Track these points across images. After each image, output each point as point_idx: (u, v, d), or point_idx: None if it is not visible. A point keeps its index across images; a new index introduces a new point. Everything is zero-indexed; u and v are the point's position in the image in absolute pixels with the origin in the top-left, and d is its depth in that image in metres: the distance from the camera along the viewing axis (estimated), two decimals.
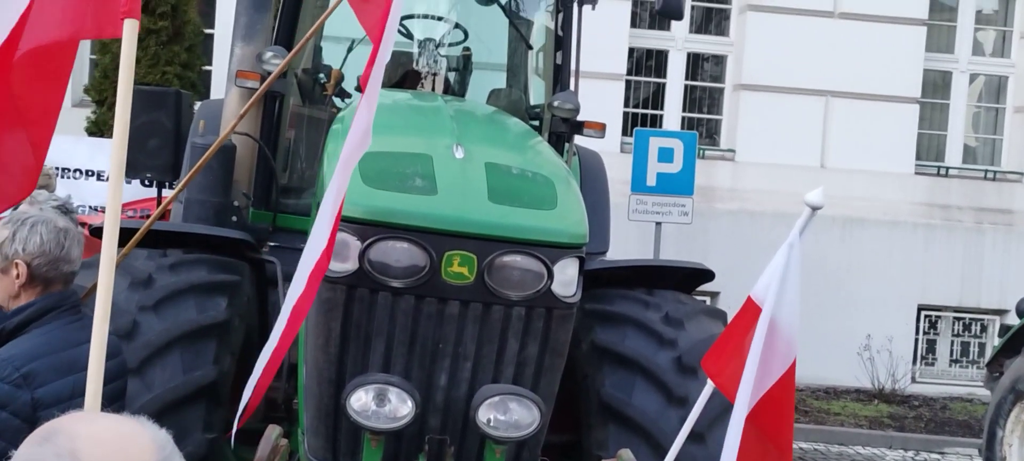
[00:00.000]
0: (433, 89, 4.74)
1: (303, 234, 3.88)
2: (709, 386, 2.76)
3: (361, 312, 2.95)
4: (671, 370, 3.47)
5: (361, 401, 2.86)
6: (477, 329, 2.97)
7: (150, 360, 3.20)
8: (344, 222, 2.78)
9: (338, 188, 2.56)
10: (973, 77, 9.99)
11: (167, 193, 5.03)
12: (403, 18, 4.63)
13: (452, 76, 5.09)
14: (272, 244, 4.21)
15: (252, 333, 3.61)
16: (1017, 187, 9.65)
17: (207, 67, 9.28)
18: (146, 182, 5.43)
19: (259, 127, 4.32)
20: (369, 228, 2.91)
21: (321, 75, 4.82)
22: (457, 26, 5.04)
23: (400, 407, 2.86)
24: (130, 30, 2.24)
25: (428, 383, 2.99)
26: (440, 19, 5.04)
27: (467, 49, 5.12)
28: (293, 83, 4.68)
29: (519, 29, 5.04)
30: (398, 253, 2.92)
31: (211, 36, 9.34)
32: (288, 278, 3.64)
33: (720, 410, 3.14)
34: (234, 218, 4.20)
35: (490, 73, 5.38)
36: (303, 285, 2.56)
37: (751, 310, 2.54)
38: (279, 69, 3.65)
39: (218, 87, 8.78)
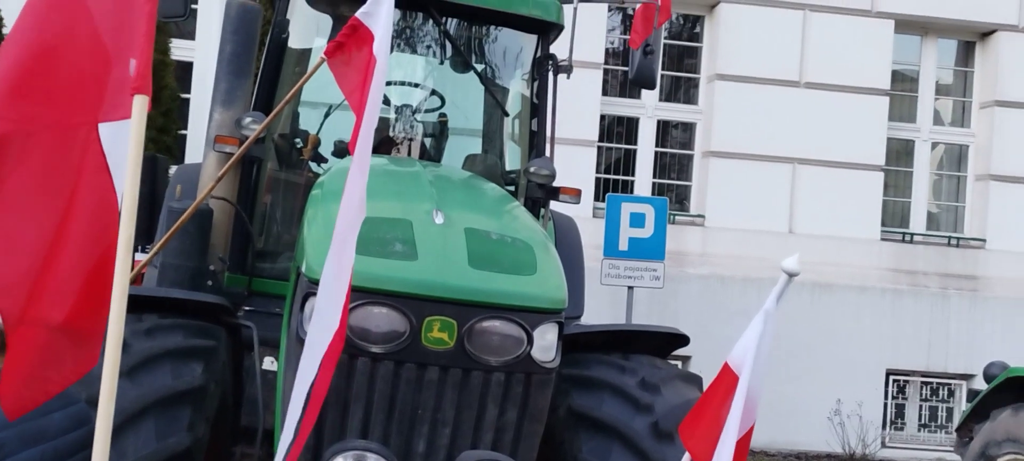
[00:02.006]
0: (409, 154, 4.78)
1: (279, 298, 3.88)
2: (686, 457, 2.77)
3: (340, 378, 2.94)
4: (648, 436, 3.47)
5: None
6: (456, 394, 2.97)
7: (123, 428, 3.15)
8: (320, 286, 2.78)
9: (341, 264, 2.53)
10: (934, 145, 10.23)
11: (140, 256, 5.00)
12: None
13: (428, 142, 5.14)
14: (248, 308, 4.19)
15: (227, 398, 3.57)
16: (980, 253, 9.83)
17: (183, 132, 9.29)
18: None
19: (236, 191, 4.33)
20: (348, 293, 2.92)
21: (298, 140, 4.85)
22: (434, 93, 5.11)
23: None
24: (139, 106, 2.25)
25: (407, 449, 2.98)
26: (417, 86, 5.10)
27: (443, 115, 5.18)
28: (270, 148, 4.70)
29: (495, 96, 5.11)
30: (378, 318, 2.92)
31: (187, 101, 9.37)
32: (264, 343, 3.63)
33: None
34: (210, 283, 4.18)
35: (466, 138, 5.44)
36: (316, 369, 2.49)
37: (728, 377, 2.57)
38: (256, 133, 3.67)
39: (193, 151, 8.78)
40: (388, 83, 4.97)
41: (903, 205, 10.11)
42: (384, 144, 4.75)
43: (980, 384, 6.66)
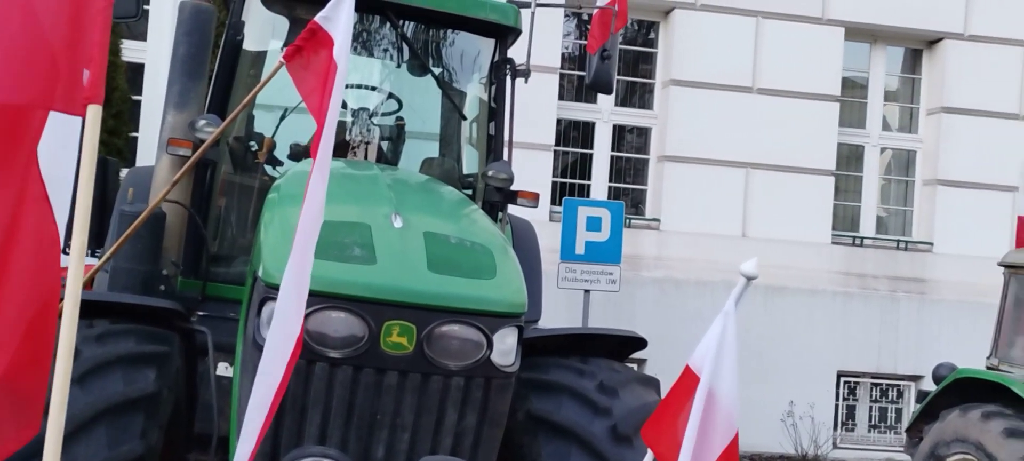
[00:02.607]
0: (366, 158, 4.75)
1: (234, 303, 3.83)
2: (648, 457, 2.78)
3: (297, 383, 2.91)
4: (606, 439, 3.48)
5: None
6: (416, 399, 2.96)
7: (74, 436, 3.08)
8: (282, 291, 2.75)
9: (302, 270, 2.51)
10: (883, 150, 10.43)
11: (91, 261, 4.89)
12: None
13: (385, 145, 5.11)
14: (202, 313, 4.13)
15: (181, 405, 3.52)
16: (928, 256, 10.03)
17: (134, 134, 9.13)
18: (68, 250, 5.28)
19: (190, 195, 4.26)
20: (307, 298, 2.89)
21: (253, 143, 4.79)
22: (391, 96, 5.08)
23: None
24: (93, 115, 2.20)
25: (365, 455, 2.95)
26: (374, 89, 5.07)
27: (401, 119, 5.16)
28: (225, 151, 4.64)
29: (452, 99, 5.10)
30: (336, 323, 2.90)
31: (138, 103, 9.21)
32: (219, 348, 3.58)
33: None
34: (163, 287, 4.11)
35: (423, 142, 5.42)
36: (280, 376, 2.46)
37: (689, 379, 2.58)
38: (213, 137, 3.63)
39: (145, 154, 8.63)
40: (345, 86, 4.94)
41: (853, 209, 10.28)
42: (341, 147, 4.72)
43: (929, 385, 6.79)
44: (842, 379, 9.74)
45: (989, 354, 6.41)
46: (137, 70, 9.34)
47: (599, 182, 9.85)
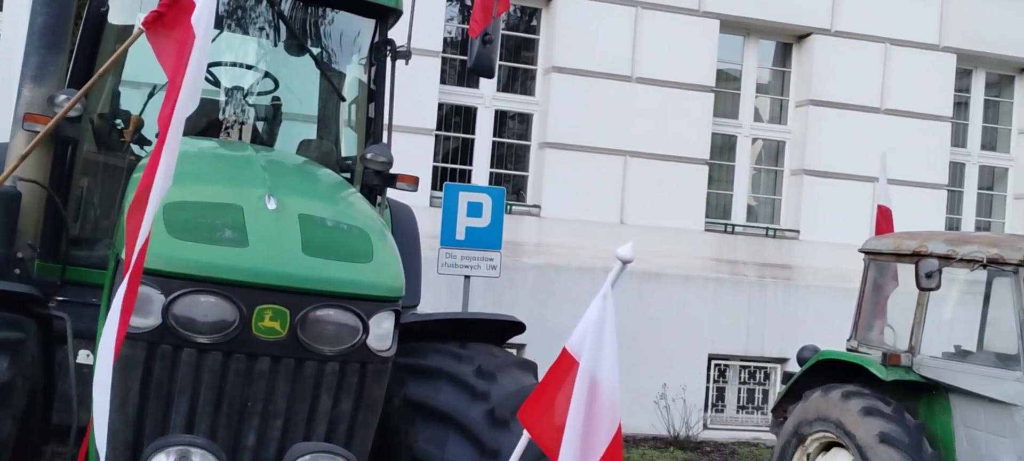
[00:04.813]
0: (240, 138, 4.61)
1: (96, 288, 3.65)
2: (524, 439, 2.79)
3: (163, 370, 2.80)
4: (484, 423, 3.49)
5: None
6: (289, 385, 2.89)
7: None
8: (146, 275, 2.64)
9: (137, 235, 2.40)
10: (754, 141, 10.80)
11: None
12: (209, 65, 4.49)
13: (260, 126, 4.97)
14: (61, 299, 3.92)
15: (37, 395, 3.33)
16: (795, 243, 10.46)
17: None
18: None
19: (48, 173, 4.04)
20: (174, 281, 2.78)
21: (119, 121, 4.58)
22: (267, 75, 4.94)
23: None
24: None
25: (235, 443, 2.87)
26: (249, 67, 4.92)
27: (277, 99, 5.02)
28: (88, 128, 4.42)
29: (331, 80, 5.00)
30: (205, 308, 2.80)
31: None
32: (79, 335, 3.41)
33: None
34: (17, 271, 3.88)
35: (301, 124, 5.29)
36: (111, 349, 2.37)
37: (567, 361, 2.60)
38: (65, 110, 3.43)
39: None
40: (219, 64, 4.77)
41: (725, 198, 10.61)
42: (214, 127, 4.56)
43: (794, 367, 7.08)
44: (713, 362, 10.07)
45: (849, 337, 6.72)
46: None
47: (480, 167, 9.86)
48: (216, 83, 4.73)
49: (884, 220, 8.63)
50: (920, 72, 10.60)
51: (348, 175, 4.82)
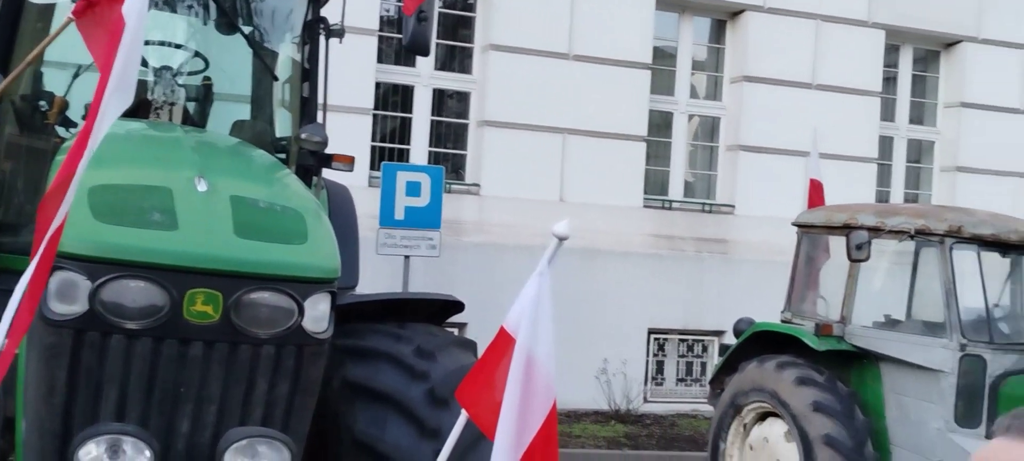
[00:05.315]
0: (170, 119, 4.50)
1: (20, 274, 3.55)
2: (462, 417, 2.79)
3: (91, 357, 2.73)
4: (424, 403, 3.48)
5: (91, 455, 2.65)
6: (223, 370, 2.84)
7: None
8: (71, 260, 2.57)
9: (51, 220, 2.34)
10: (690, 117, 10.92)
11: None
12: None
13: (191, 106, 4.86)
14: None
15: None
16: (731, 218, 10.61)
17: None
18: None
19: None
20: (100, 266, 2.71)
21: (42, 102, 4.44)
22: (197, 54, 4.83)
23: (136, 458, 2.67)
24: None
25: (168, 430, 2.82)
26: (178, 47, 4.80)
27: (208, 79, 4.92)
28: (9, 110, 4.28)
29: (263, 59, 4.90)
30: (134, 293, 2.73)
31: None
32: None
33: (472, 440, 3.19)
34: None
35: (233, 104, 5.19)
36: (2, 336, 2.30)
37: (504, 340, 2.60)
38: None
39: None
40: (146, 43, 4.65)
41: (663, 174, 10.72)
42: (142, 107, 4.44)
43: (731, 340, 7.20)
44: (652, 336, 10.19)
45: (784, 308, 6.85)
46: None
47: (419, 147, 9.80)
48: (144, 63, 4.60)
49: (816, 194, 8.82)
50: (850, 48, 10.81)
51: (283, 156, 4.74)
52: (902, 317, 6.50)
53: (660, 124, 10.68)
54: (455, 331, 7.99)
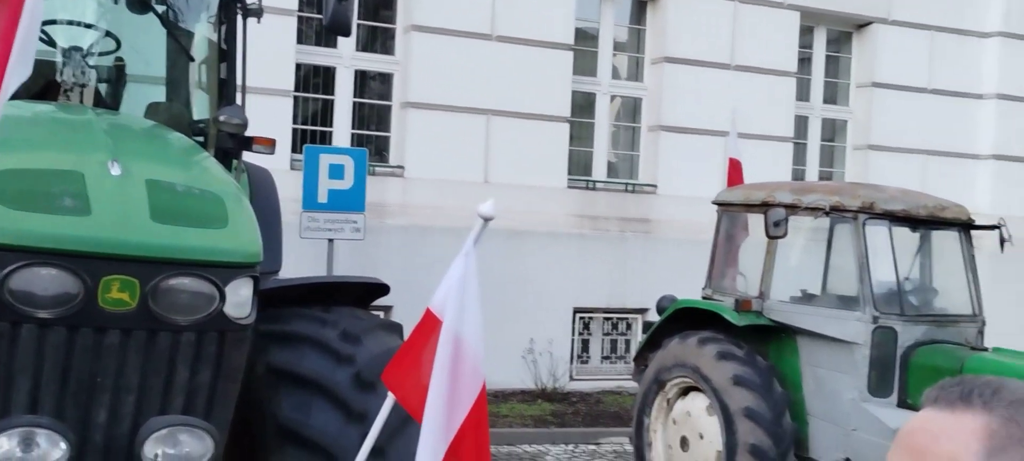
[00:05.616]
0: (82, 102, 4.36)
1: None
2: (389, 400, 2.78)
3: (1, 348, 2.64)
4: (350, 387, 3.45)
5: (3, 448, 2.56)
6: (141, 359, 2.77)
7: None
8: None
9: None
10: (612, 98, 11.01)
11: None
12: (44, 24, 4.21)
13: (103, 88, 4.71)
14: None
15: None
16: (653, 198, 10.76)
17: None
18: None
19: None
20: (9, 254, 2.61)
21: None
22: (108, 34, 4.68)
23: (51, 451, 2.59)
24: None
25: (85, 421, 2.74)
26: (88, 26, 4.64)
27: (120, 59, 4.77)
28: None
29: (178, 40, 4.77)
30: (45, 281, 2.64)
31: None
32: None
33: (399, 423, 3.18)
34: None
35: (147, 86, 5.04)
36: None
37: (431, 322, 2.60)
38: None
39: None
40: (54, 22, 4.49)
41: (586, 155, 10.80)
42: (51, 89, 4.29)
43: (654, 317, 7.31)
44: (578, 315, 10.29)
45: (705, 285, 6.98)
46: None
47: (341, 129, 9.68)
48: (52, 43, 4.44)
49: (735, 172, 9.00)
50: (767, 29, 11.02)
51: (201, 139, 4.63)
52: (818, 292, 6.69)
53: (583, 105, 10.75)
54: (381, 314, 7.94)
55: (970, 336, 6.05)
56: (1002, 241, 6.25)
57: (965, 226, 6.31)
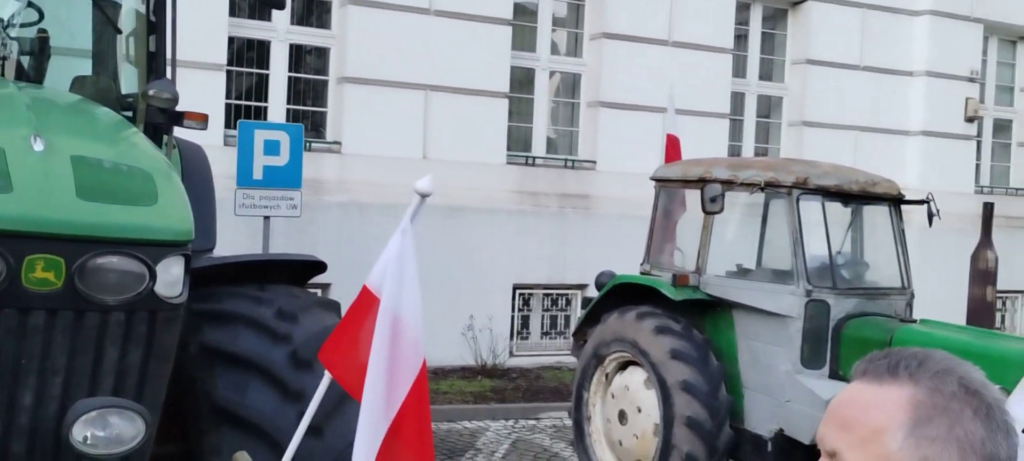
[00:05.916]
0: (4, 75, 4.21)
1: None
2: (326, 378, 2.74)
3: None
4: (286, 366, 3.41)
5: None
6: (68, 340, 2.69)
7: None
8: None
9: None
10: (552, 74, 11.01)
11: None
12: None
13: (26, 61, 4.55)
14: None
15: None
16: (592, 174, 10.81)
17: None
18: None
19: None
20: None
21: None
22: (30, 4, 4.52)
23: None
24: None
25: (10, 405, 2.66)
26: None
27: (43, 31, 4.61)
28: None
29: (104, 11, 4.63)
30: None
31: None
32: None
33: (336, 401, 3.15)
34: None
35: (72, 59, 4.89)
36: None
37: (368, 299, 2.57)
38: None
39: None
40: None
41: (525, 131, 10.79)
42: None
43: (593, 292, 7.35)
44: (517, 291, 10.31)
45: (643, 261, 7.04)
46: None
47: (277, 104, 9.52)
48: None
49: (673, 148, 9.07)
50: (704, 6, 11.11)
51: (129, 114, 4.50)
52: (753, 266, 6.79)
53: (522, 80, 10.73)
54: (318, 292, 7.85)
55: (899, 308, 6.21)
56: (930, 216, 6.41)
57: (895, 201, 6.45)
